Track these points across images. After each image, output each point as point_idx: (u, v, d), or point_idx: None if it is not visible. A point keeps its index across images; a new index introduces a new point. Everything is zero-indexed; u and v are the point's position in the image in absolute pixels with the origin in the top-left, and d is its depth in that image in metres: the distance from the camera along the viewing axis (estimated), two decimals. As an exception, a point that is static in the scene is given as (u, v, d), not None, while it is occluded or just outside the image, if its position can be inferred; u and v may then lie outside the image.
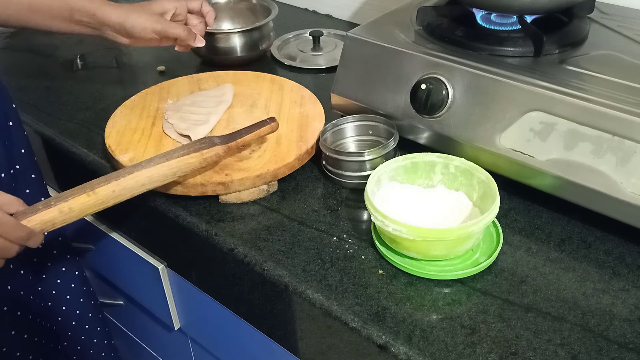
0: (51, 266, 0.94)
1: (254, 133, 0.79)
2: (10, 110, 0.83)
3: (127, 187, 0.69)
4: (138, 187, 0.70)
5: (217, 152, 0.75)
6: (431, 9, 0.83)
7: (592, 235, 0.69)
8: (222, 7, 1.17)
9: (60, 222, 0.66)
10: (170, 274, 0.91)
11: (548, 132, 0.67)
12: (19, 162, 0.84)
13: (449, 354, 0.57)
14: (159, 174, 0.71)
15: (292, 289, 0.66)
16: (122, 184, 0.68)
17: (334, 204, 0.76)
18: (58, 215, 0.65)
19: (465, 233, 0.62)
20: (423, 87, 0.74)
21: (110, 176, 0.68)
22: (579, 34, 0.79)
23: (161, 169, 0.71)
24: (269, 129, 0.80)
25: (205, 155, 0.73)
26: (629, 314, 0.59)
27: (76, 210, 0.66)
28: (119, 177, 0.68)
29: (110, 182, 0.68)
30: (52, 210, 0.64)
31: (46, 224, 0.65)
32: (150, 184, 0.71)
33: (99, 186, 0.67)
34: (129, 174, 0.69)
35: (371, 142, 0.83)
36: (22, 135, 0.85)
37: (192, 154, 0.72)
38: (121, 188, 0.68)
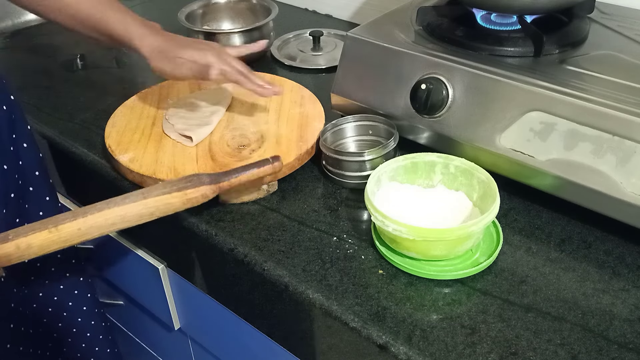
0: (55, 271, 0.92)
1: (251, 173, 0.70)
2: (25, 131, 0.81)
3: (95, 226, 0.62)
4: (107, 227, 0.63)
5: (204, 192, 0.67)
6: (431, 9, 0.83)
7: (592, 235, 0.69)
8: (222, 7, 1.17)
9: (17, 258, 0.61)
10: (170, 274, 0.91)
11: (548, 132, 0.67)
12: (33, 183, 0.83)
13: (449, 354, 0.57)
14: (134, 213, 0.64)
15: (292, 289, 0.66)
16: (90, 222, 0.62)
17: (334, 204, 0.76)
18: (14, 251, 0.60)
19: (465, 233, 0.62)
20: (423, 87, 0.74)
21: (78, 212, 0.62)
22: (579, 34, 0.79)
23: (136, 207, 0.64)
24: (271, 169, 0.71)
25: (189, 195, 0.66)
26: (629, 314, 0.59)
27: (35, 247, 0.61)
28: (87, 213, 0.62)
29: (77, 218, 0.62)
30: (9, 245, 0.60)
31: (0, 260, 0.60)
32: (122, 224, 0.64)
33: (63, 222, 0.61)
34: (98, 211, 0.63)
35: (371, 142, 0.83)
36: (36, 157, 0.83)
37: (174, 194, 0.65)
38: (88, 226, 0.62)
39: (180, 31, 1.20)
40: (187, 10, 1.12)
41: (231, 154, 0.80)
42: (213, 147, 0.82)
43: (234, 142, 0.82)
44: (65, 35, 1.25)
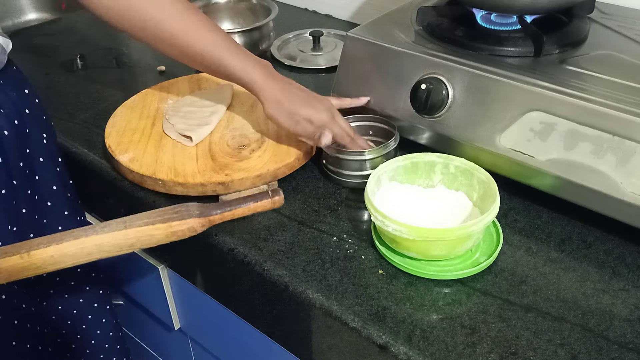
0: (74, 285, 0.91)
1: (247, 207, 0.64)
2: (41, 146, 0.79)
3: (69, 254, 0.59)
4: (83, 256, 0.60)
5: (192, 226, 0.61)
6: (431, 9, 0.83)
7: (592, 235, 0.69)
8: (222, 7, 1.17)
9: None
10: (170, 274, 0.91)
11: (548, 132, 0.67)
12: (50, 198, 0.82)
13: (449, 354, 0.57)
14: (112, 243, 0.60)
15: (292, 289, 0.66)
16: (64, 249, 0.59)
17: (334, 204, 0.76)
18: None
19: (465, 233, 0.62)
20: (423, 87, 0.74)
21: (54, 238, 0.59)
22: (579, 34, 0.79)
23: (115, 237, 0.59)
24: (270, 204, 0.65)
25: (174, 228, 0.61)
26: (629, 314, 0.59)
27: (4, 273, 0.58)
28: (62, 240, 0.59)
29: (51, 245, 0.58)
30: None
31: None
32: (99, 254, 0.60)
33: (37, 248, 0.58)
34: (74, 238, 0.59)
35: (371, 142, 0.83)
36: (54, 171, 0.82)
37: (158, 225, 0.60)
38: (61, 254, 0.59)
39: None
40: (187, 10, 1.11)
41: (231, 154, 0.80)
42: (213, 147, 0.82)
43: (234, 142, 0.82)
44: (65, 35, 1.25)
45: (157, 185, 0.76)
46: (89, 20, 1.32)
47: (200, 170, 0.77)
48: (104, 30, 1.27)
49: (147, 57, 1.15)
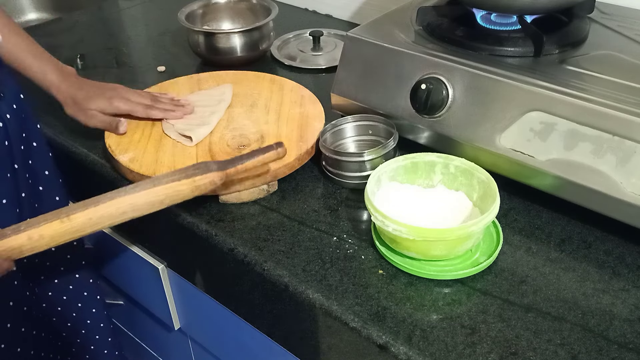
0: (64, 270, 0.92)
1: (257, 159, 0.71)
2: (35, 130, 0.82)
3: (106, 215, 0.62)
4: (119, 216, 0.63)
5: (212, 179, 0.67)
6: (431, 9, 0.83)
7: (592, 235, 0.69)
8: (222, 7, 1.17)
9: (29, 249, 0.61)
10: (170, 274, 0.91)
11: (548, 132, 0.67)
12: (43, 183, 0.83)
13: (449, 354, 0.57)
14: (144, 201, 0.64)
15: (292, 289, 0.66)
16: (101, 211, 0.62)
17: (334, 204, 0.76)
18: (26, 242, 0.60)
19: (465, 233, 0.62)
20: (423, 87, 0.74)
21: (89, 202, 0.62)
22: (579, 34, 0.79)
23: (147, 196, 0.63)
24: (276, 154, 0.72)
25: (197, 182, 0.66)
26: (629, 314, 0.59)
27: (47, 238, 0.61)
28: (98, 203, 0.62)
29: (88, 208, 0.62)
30: (20, 236, 0.60)
31: (12, 251, 0.60)
32: (133, 212, 0.64)
33: (75, 212, 0.61)
34: (109, 199, 0.62)
35: (371, 142, 0.83)
36: (46, 156, 0.83)
37: (183, 181, 0.65)
38: (99, 216, 0.62)
39: (180, 31, 1.21)
40: (187, 10, 1.11)
41: (231, 154, 0.80)
42: (213, 147, 0.82)
43: (234, 142, 0.82)
44: (65, 35, 1.25)
45: None
46: (89, 20, 1.32)
47: None
48: (104, 30, 1.27)
49: (147, 57, 1.15)
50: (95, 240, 1.01)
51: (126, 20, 1.33)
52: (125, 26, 1.30)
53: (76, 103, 0.84)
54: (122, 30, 1.28)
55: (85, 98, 0.83)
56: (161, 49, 1.17)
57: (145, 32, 1.26)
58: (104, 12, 1.37)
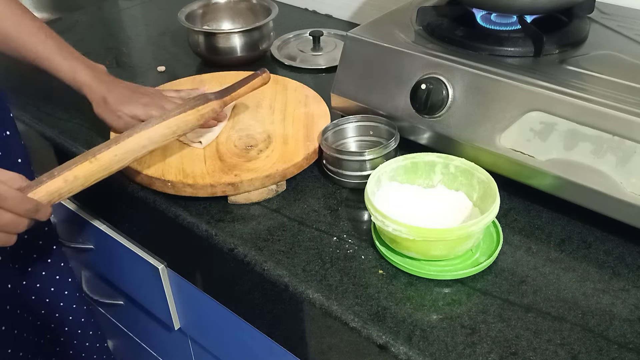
0: (37, 257, 0.93)
1: (246, 86, 0.80)
2: (7, 119, 0.82)
3: (129, 150, 0.69)
4: (140, 149, 0.70)
5: (213, 107, 0.75)
6: (431, 9, 0.83)
7: (592, 235, 0.69)
8: (222, 7, 1.17)
9: (67, 191, 0.65)
10: (170, 274, 0.91)
11: (548, 132, 0.67)
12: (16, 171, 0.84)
13: (449, 354, 0.57)
14: (159, 134, 0.71)
15: (292, 289, 0.66)
16: (123, 147, 0.69)
17: (334, 204, 0.76)
18: (63, 184, 0.65)
19: (465, 233, 0.62)
20: (423, 87, 0.74)
21: (111, 141, 0.69)
22: (579, 34, 0.79)
23: (160, 128, 0.71)
24: (261, 80, 0.82)
25: (201, 111, 0.74)
26: (629, 314, 0.59)
27: (81, 178, 0.66)
28: (119, 141, 0.69)
29: (111, 146, 0.68)
30: (56, 180, 0.64)
31: (53, 195, 0.64)
32: (151, 145, 0.71)
33: (100, 152, 0.67)
34: (128, 136, 0.69)
35: (372, 142, 0.83)
36: (19, 145, 0.84)
37: (189, 111, 0.73)
38: (123, 151, 0.69)
39: (180, 31, 1.21)
40: (187, 10, 1.11)
41: (239, 155, 0.80)
42: (220, 148, 0.81)
43: (241, 143, 0.82)
44: (65, 35, 1.25)
45: (165, 187, 0.76)
46: (89, 20, 1.32)
47: (209, 171, 0.77)
48: (104, 30, 1.27)
49: (147, 57, 1.15)
50: (95, 240, 1.01)
51: (126, 20, 1.33)
52: (125, 26, 1.30)
53: (107, 104, 0.83)
54: (122, 30, 1.28)
55: (118, 101, 0.82)
56: (161, 49, 1.17)
57: (145, 32, 1.26)
58: (104, 12, 1.37)
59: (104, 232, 0.96)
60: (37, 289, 0.94)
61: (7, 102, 0.84)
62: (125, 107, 0.82)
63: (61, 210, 1.04)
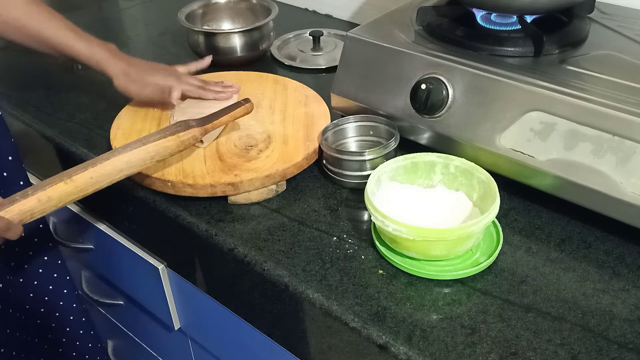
0: (33, 255, 0.93)
1: (229, 115, 0.79)
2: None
3: (105, 174, 0.68)
4: (116, 173, 0.69)
5: (194, 134, 0.74)
6: (431, 9, 0.83)
7: (592, 235, 0.69)
8: (222, 7, 1.17)
9: (39, 212, 0.65)
10: (170, 274, 0.91)
11: (548, 132, 0.67)
12: (7, 169, 0.84)
13: (449, 354, 0.57)
14: (137, 158, 0.70)
15: (292, 289, 0.66)
16: (100, 170, 0.68)
17: (334, 204, 0.76)
18: (36, 204, 0.64)
19: (465, 233, 0.62)
20: (423, 87, 0.74)
21: (87, 163, 0.68)
22: (579, 34, 0.79)
23: (139, 153, 0.70)
24: (244, 110, 0.81)
25: (182, 137, 0.73)
26: (629, 314, 0.59)
27: (55, 199, 0.65)
28: (96, 163, 0.68)
29: (87, 168, 0.67)
30: (30, 200, 0.64)
31: (25, 214, 0.64)
32: (129, 170, 0.70)
33: (76, 173, 0.66)
34: (105, 159, 0.68)
35: (372, 142, 0.83)
36: (9, 142, 0.84)
37: (169, 137, 0.72)
38: (99, 174, 0.68)
39: (180, 31, 1.21)
40: (187, 10, 1.11)
41: (239, 155, 0.80)
42: (220, 148, 0.81)
43: (241, 143, 0.82)
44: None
45: (165, 187, 0.76)
46: (89, 20, 1.32)
47: (209, 171, 0.77)
48: (104, 30, 1.27)
49: (147, 57, 1.14)
50: (95, 240, 1.01)
51: (126, 20, 1.33)
52: (125, 26, 1.30)
53: (128, 75, 0.86)
54: (122, 30, 1.28)
55: (139, 70, 0.86)
56: (161, 49, 1.17)
57: (145, 32, 1.26)
58: (104, 12, 1.37)
59: (104, 232, 0.96)
60: (35, 287, 0.94)
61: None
62: (148, 76, 0.86)
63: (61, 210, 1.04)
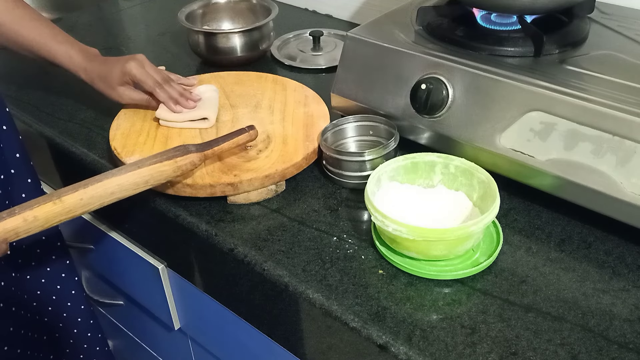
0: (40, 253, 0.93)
1: (231, 141, 0.76)
2: (4, 114, 0.82)
3: (96, 196, 0.66)
4: (107, 196, 0.67)
5: (192, 160, 0.72)
6: (431, 9, 0.83)
7: (592, 235, 0.69)
8: (222, 7, 1.17)
9: (24, 231, 0.63)
10: (170, 274, 0.91)
11: (548, 132, 0.67)
12: (14, 166, 0.83)
13: (449, 354, 0.57)
14: (130, 182, 0.68)
15: (292, 289, 0.66)
16: (90, 192, 0.66)
17: (334, 204, 0.76)
18: (22, 224, 0.63)
19: (465, 233, 0.62)
20: (423, 87, 0.74)
21: (79, 184, 0.66)
22: (579, 34, 0.79)
23: (132, 176, 0.68)
24: (248, 137, 0.78)
25: (179, 163, 0.71)
26: (629, 314, 0.59)
27: (41, 219, 0.64)
28: (87, 185, 0.66)
29: (78, 190, 0.65)
30: (15, 218, 0.62)
31: (9, 233, 0.62)
32: (120, 193, 0.68)
33: (66, 194, 0.65)
34: (97, 182, 0.67)
35: (372, 142, 0.83)
36: (16, 140, 0.84)
37: (165, 162, 0.70)
38: (89, 196, 0.66)
39: (180, 31, 1.21)
40: (187, 10, 1.11)
41: (238, 155, 0.80)
42: None
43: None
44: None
45: (165, 187, 0.76)
46: (89, 20, 1.32)
47: (208, 171, 0.77)
48: (104, 30, 1.27)
49: (147, 57, 1.14)
50: (95, 240, 1.01)
51: (126, 20, 1.33)
52: (125, 26, 1.30)
53: (102, 79, 0.85)
54: (122, 30, 1.28)
55: (108, 70, 0.85)
56: (161, 49, 1.17)
57: (145, 32, 1.26)
58: (104, 12, 1.37)
59: (104, 232, 0.96)
60: (42, 285, 0.94)
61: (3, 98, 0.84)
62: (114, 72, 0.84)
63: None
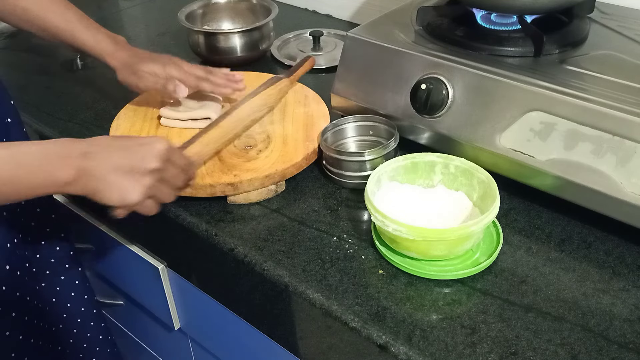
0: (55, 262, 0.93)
1: (303, 68, 0.95)
2: (9, 107, 0.82)
3: (241, 118, 0.82)
4: (245, 118, 0.83)
5: (286, 84, 0.89)
6: (431, 9, 0.83)
7: (592, 235, 0.69)
8: (222, 7, 1.17)
9: (206, 154, 0.76)
10: (170, 274, 0.91)
11: (548, 132, 0.67)
12: None
13: (449, 354, 0.57)
14: (257, 104, 0.84)
15: (292, 289, 0.66)
16: (236, 115, 0.81)
17: (334, 204, 0.76)
18: (201, 148, 0.75)
19: (465, 233, 0.62)
20: (423, 87, 0.74)
21: (224, 114, 0.81)
22: (579, 34, 0.79)
23: (257, 99, 0.84)
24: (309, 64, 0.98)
25: (279, 86, 0.88)
26: (629, 314, 0.59)
27: (211, 144, 0.76)
28: (231, 112, 0.81)
29: (230, 114, 0.81)
30: (195, 145, 0.74)
31: (195, 155, 0.72)
32: (254, 114, 0.84)
33: (221, 120, 0.80)
34: (235, 108, 0.82)
35: (372, 142, 0.83)
36: (21, 133, 0.84)
37: (271, 87, 0.87)
38: (235, 119, 0.81)
39: (180, 31, 1.21)
40: (187, 10, 1.11)
41: (238, 155, 0.80)
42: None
43: (240, 143, 0.82)
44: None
45: None
46: (89, 20, 1.32)
47: (208, 171, 0.77)
48: (104, 30, 1.27)
49: (147, 57, 1.15)
50: (95, 240, 1.01)
51: (126, 20, 1.33)
52: (125, 26, 1.30)
53: (128, 67, 0.86)
54: (122, 30, 1.28)
55: (138, 62, 0.85)
56: (161, 49, 1.17)
57: (145, 32, 1.26)
58: (104, 12, 1.37)
59: (104, 232, 0.96)
60: (57, 292, 0.94)
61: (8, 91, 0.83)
62: (146, 66, 0.85)
63: None
